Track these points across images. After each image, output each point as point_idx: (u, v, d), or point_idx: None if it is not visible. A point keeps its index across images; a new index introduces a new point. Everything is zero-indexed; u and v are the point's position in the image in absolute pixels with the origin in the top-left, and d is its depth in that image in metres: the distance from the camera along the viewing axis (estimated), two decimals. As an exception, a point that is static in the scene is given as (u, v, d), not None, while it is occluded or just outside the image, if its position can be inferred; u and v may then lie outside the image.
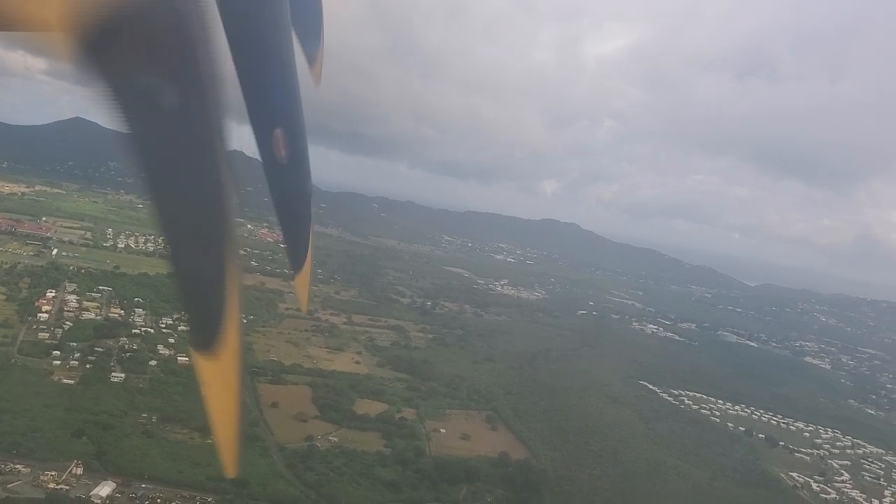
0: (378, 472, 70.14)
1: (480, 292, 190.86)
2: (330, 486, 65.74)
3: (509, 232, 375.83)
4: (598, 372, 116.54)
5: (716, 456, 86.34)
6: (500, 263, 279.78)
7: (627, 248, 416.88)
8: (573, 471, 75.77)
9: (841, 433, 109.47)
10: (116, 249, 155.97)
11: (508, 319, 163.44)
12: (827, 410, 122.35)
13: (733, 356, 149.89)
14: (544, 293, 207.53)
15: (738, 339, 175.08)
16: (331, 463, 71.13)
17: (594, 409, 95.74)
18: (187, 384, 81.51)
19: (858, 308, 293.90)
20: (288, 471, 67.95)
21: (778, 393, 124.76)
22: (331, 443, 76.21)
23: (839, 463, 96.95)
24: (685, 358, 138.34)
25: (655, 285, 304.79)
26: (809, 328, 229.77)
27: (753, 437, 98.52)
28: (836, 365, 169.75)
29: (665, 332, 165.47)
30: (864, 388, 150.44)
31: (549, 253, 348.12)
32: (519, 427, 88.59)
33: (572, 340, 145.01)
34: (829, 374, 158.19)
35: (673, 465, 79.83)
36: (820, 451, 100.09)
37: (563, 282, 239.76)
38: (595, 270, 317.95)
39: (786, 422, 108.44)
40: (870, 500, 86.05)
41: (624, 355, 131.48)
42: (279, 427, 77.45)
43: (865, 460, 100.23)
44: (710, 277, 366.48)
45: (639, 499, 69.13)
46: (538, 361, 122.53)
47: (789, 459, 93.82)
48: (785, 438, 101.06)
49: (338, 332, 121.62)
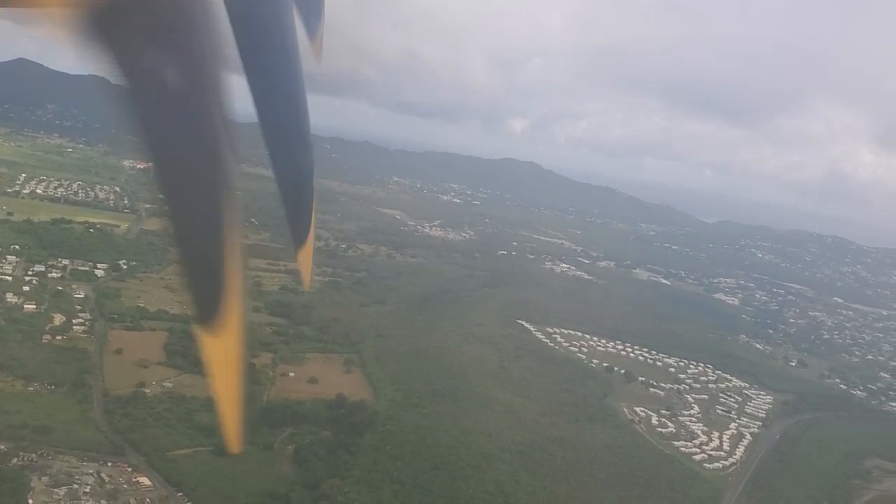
0: (199, 416, 70.90)
1: (405, 234, 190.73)
2: (140, 432, 66.73)
3: (466, 172, 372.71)
4: (482, 312, 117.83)
5: (560, 392, 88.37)
6: (445, 204, 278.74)
7: (586, 186, 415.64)
8: (404, 411, 77.26)
9: (712, 368, 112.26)
10: (19, 195, 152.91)
11: (422, 261, 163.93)
12: (709, 346, 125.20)
13: (636, 294, 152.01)
14: (473, 234, 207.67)
15: (651, 277, 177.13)
16: (153, 409, 71.96)
17: (457, 349, 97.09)
18: (28, 333, 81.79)
19: (803, 243, 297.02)
20: (104, 417, 68.72)
21: (665, 329, 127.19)
22: (163, 388, 76.86)
23: (696, 397, 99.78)
24: (581, 296, 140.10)
25: (601, 224, 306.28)
26: (740, 264, 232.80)
27: (614, 373, 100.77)
28: (746, 301, 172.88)
29: (577, 272, 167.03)
30: (764, 323, 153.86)
31: (502, 193, 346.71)
32: (373, 369, 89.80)
33: (476, 281, 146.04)
34: (733, 310, 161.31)
35: (508, 402, 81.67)
36: (681, 385, 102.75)
37: (499, 222, 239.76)
38: (544, 210, 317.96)
39: (655, 357, 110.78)
40: (710, 432, 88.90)
41: (518, 295, 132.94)
42: (114, 373, 78.02)
43: (725, 394, 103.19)
44: (667, 215, 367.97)
45: (452, 435, 70.74)
46: (428, 303, 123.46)
47: (641, 394, 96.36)
48: (648, 374, 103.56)
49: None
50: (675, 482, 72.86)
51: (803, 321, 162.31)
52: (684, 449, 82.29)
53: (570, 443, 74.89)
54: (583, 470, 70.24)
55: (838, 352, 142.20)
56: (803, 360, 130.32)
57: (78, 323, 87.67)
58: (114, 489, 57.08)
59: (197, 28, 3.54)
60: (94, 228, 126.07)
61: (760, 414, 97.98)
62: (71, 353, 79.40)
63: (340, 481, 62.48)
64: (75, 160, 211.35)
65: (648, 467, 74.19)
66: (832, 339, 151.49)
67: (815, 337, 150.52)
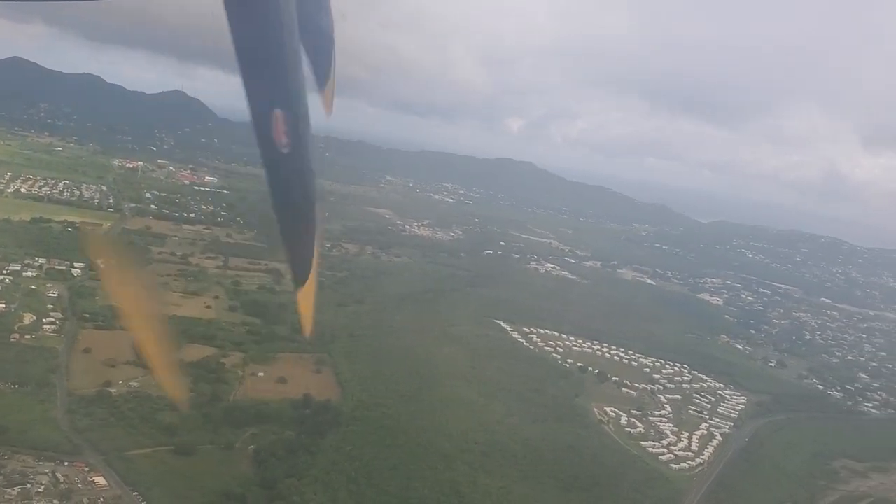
0: (162, 416, 71.15)
1: (391, 233, 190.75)
2: (100, 431, 66.97)
3: (460, 172, 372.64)
4: (460, 312, 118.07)
5: (530, 392, 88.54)
6: (436, 204, 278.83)
7: (581, 186, 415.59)
8: (369, 411, 77.48)
9: (688, 368, 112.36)
10: (3, 194, 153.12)
11: (407, 260, 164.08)
12: (688, 346, 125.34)
13: (618, 294, 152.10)
14: (461, 233, 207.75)
15: (636, 277, 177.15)
16: (117, 408, 72.13)
17: (429, 349, 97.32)
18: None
19: (795, 244, 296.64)
20: (65, 416, 68.96)
21: (643, 329, 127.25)
22: (129, 388, 76.98)
23: (669, 397, 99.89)
24: (562, 296, 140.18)
25: (594, 223, 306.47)
26: (730, 264, 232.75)
27: (587, 373, 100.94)
28: (731, 301, 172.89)
29: (561, 272, 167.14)
30: (747, 324, 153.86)
31: (495, 192, 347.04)
32: (343, 369, 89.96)
33: (458, 281, 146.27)
34: (716, 310, 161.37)
35: (474, 402, 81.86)
36: (655, 385, 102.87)
37: (489, 221, 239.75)
38: (536, 209, 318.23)
39: (630, 357, 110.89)
40: (679, 432, 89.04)
41: (498, 295, 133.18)
42: (81, 372, 78.24)
43: (699, 394, 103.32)
44: (661, 215, 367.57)
45: (413, 436, 70.97)
46: (407, 303, 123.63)
47: (613, 394, 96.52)
48: (622, 374, 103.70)
49: (204, 277, 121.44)
50: (638, 483, 73.04)
51: (787, 322, 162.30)
52: (651, 449, 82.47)
53: (534, 443, 75.05)
54: (544, 471, 70.42)
55: (819, 352, 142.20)
56: (783, 361, 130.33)
57: (48, 322, 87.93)
58: (68, 489, 57.32)
59: None
60: (72, 227, 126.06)
61: (733, 414, 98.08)
62: (38, 353, 79.65)
63: (297, 481, 62.75)
64: (64, 159, 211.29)
65: (612, 468, 74.40)
66: (814, 340, 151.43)
67: (796, 337, 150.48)
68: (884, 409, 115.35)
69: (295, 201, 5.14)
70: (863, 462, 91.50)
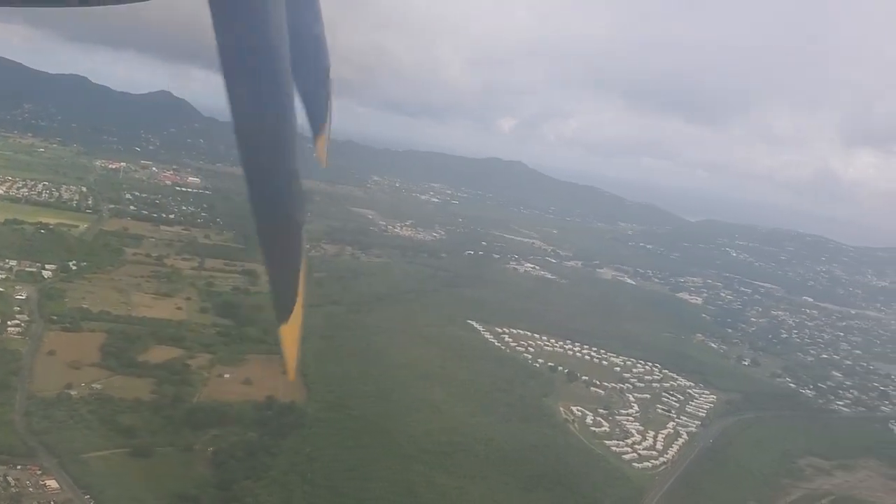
0: (122, 418, 71.09)
1: (373, 234, 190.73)
2: (57, 434, 66.69)
3: (449, 172, 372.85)
4: (434, 312, 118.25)
5: (497, 392, 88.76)
6: (422, 204, 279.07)
7: (571, 185, 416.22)
8: (333, 412, 77.55)
9: (660, 367, 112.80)
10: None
11: (387, 261, 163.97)
12: (661, 345, 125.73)
13: (596, 293, 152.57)
14: (444, 233, 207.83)
15: (616, 276, 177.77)
16: (77, 411, 71.90)
17: (399, 350, 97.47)
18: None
19: (780, 242, 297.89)
20: (23, 419, 68.67)
21: (618, 328, 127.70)
22: (92, 390, 76.80)
23: (637, 396, 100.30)
24: (539, 296, 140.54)
25: (580, 223, 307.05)
26: (713, 263, 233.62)
27: (557, 372, 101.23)
28: (710, 300, 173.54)
29: (540, 271, 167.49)
30: (724, 322, 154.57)
31: (484, 192, 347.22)
32: (312, 371, 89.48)
33: (436, 281, 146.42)
34: (694, 309, 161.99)
35: (440, 403, 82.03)
36: (624, 384, 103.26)
37: (474, 221, 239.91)
38: (523, 209, 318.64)
39: (602, 356, 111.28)
40: (645, 431, 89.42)
41: (475, 295, 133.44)
42: (43, 374, 77.89)
43: (668, 393, 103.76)
44: (649, 214, 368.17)
45: (374, 436, 71.09)
46: (383, 303, 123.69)
47: (582, 393, 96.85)
48: (592, 373, 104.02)
49: (177, 278, 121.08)
50: (599, 482, 73.35)
51: (764, 320, 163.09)
52: (615, 448, 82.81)
53: (497, 443, 75.23)
54: (504, 470, 70.61)
55: (794, 351, 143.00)
56: (757, 360, 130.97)
57: (13, 324, 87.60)
58: (18, 493, 57.13)
59: None
60: (46, 229, 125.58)
61: (701, 413, 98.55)
62: (0, 355, 79.33)
63: (253, 483, 62.79)
64: (45, 160, 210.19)
65: (573, 466, 74.67)
66: (790, 339, 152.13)
67: (772, 336, 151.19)
68: (854, 408, 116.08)
69: (280, 224, 4.67)
70: (829, 460, 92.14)
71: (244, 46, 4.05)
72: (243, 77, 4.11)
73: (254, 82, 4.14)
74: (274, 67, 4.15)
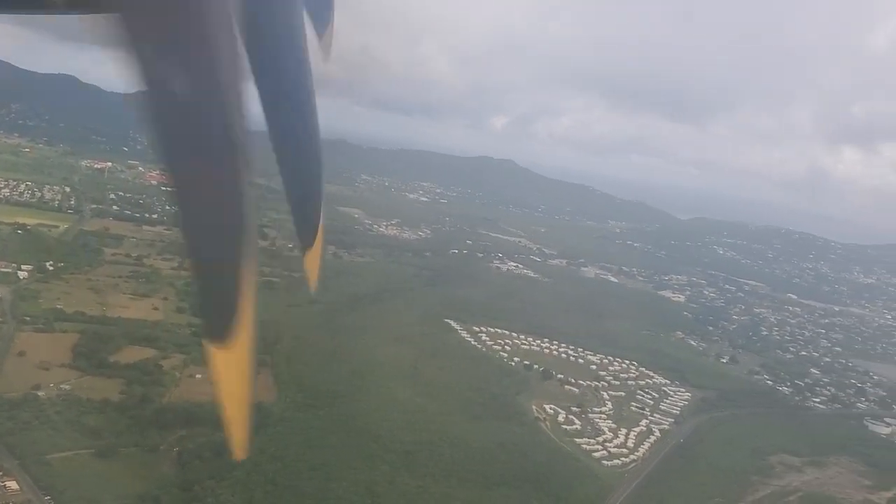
0: (88, 419, 71.14)
1: (357, 233, 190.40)
2: (21, 435, 66.70)
3: (439, 170, 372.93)
4: (412, 312, 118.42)
5: (469, 391, 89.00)
6: (409, 203, 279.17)
7: (561, 184, 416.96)
8: (301, 412, 77.71)
9: (636, 365, 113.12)
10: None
11: (369, 260, 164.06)
12: (640, 343, 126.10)
13: (577, 291, 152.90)
14: (429, 232, 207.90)
15: (600, 275, 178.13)
16: (43, 411, 71.88)
17: (373, 350, 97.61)
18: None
19: (768, 240, 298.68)
20: (-13, 420, 68.67)
21: (597, 326, 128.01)
22: (60, 391, 76.79)
23: (612, 394, 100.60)
24: (520, 295, 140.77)
25: (569, 221, 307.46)
26: (699, 261, 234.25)
27: (532, 371, 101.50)
28: (692, 298, 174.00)
29: (523, 270, 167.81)
30: (705, 320, 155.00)
31: (474, 191, 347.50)
32: (283, 371, 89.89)
33: (418, 280, 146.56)
34: (676, 307, 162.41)
35: (409, 402, 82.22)
36: (600, 382, 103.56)
37: (461, 220, 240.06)
38: (512, 208, 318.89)
39: (579, 354, 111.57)
40: (617, 429, 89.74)
41: (455, 294, 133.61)
42: (11, 375, 77.67)
43: (643, 391, 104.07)
44: (639, 213, 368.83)
45: (339, 437, 71.25)
46: (361, 303, 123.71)
47: (556, 391, 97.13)
48: (567, 371, 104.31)
49: (155, 278, 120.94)
50: (566, 479, 73.58)
51: (746, 318, 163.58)
52: (586, 446, 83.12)
53: (464, 441, 75.47)
54: (470, 469, 70.84)
55: (773, 348, 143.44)
56: (735, 357, 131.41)
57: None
58: (-23, 493, 57.18)
59: (214, 34, 3.52)
60: (23, 230, 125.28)
61: (674, 411, 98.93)
62: (-32, 357, 79.28)
63: (216, 483, 62.89)
64: (30, 160, 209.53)
65: (541, 465, 74.91)
66: (770, 336, 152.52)
67: (753, 333, 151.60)
68: (830, 405, 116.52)
69: (303, 176, 5.05)
70: (801, 457, 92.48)
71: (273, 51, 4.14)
72: (274, 80, 4.21)
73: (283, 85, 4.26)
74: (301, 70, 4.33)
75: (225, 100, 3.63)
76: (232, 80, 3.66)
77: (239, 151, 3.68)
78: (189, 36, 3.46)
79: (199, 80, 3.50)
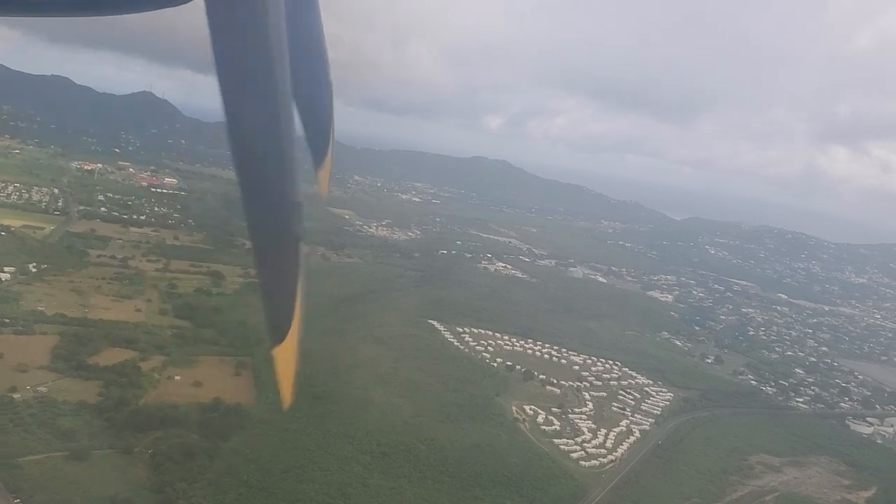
0: (63, 421, 71.03)
1: (347, 234, 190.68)
2: (-7, 437, 66.63)
3: (432, 170, 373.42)
4: (396, 312, 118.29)
5: (448, 392, 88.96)
6: (401, 203, 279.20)
7: (555, 184, 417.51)
8: (278, 414, 77.23)
9: (620, 365, 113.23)
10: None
11: (358, 261, 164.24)
12: (624, 343, 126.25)
13: (565, 292, 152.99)
14: (420, 233, 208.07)
15: (588, 275, 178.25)
16: (18, 414, 71.76)
17: (353, 351, 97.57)
18: None
19: (760, 239, 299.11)
20: (-40, 423, 68.58)
21: (582, 327, 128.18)
22: (36, 393, 76.69)
23: (593, 394, 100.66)
24: (506, 295, 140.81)
25: (562, 221, 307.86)
26: (690, 261, 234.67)
27: (513, 371, 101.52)
28: (681, 298, 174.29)
29: (511, 271, 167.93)
30: (692, 320, 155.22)
31: (467, 191, 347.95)
32: (263, 372, 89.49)
33: (405, 281, 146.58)
34: (663, 307, 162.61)
35: (386, 403, 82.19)
36: (582, 382, 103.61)
37: (452, 221, 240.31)
38: (505, 208, 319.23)
39: (562, 355, 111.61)
40: (597, 430, 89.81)
41: (441, 295, 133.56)
42: (-13, 378, 77.74)
43: (625, 392, 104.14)
44: (632, 213, 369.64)
45: (314, 438, 71.27)
46: (347, 304, 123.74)
47: (536, 392, 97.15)
48: (549, 372, 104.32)
49: (140, 280, 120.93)
50: (542, 480, 73.60)
51: (734, 318, 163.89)
52: (564, 447, 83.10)
53: (440, 443, 75.45)
54: (445, 470, 70.85)
55: (759, 348, 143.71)
56: (721, 357, 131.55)
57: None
58: (-55, 497, 57.07)
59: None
60: (7, 231, 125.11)
61: (655, 411, 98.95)
62: (-55, 359, 79.13)
63: (188, 485, 62.85)
64: (20, 161, 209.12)
65: (517, 466, 74.86)
66: (757, 336, 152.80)
67: (739, 334, 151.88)
68: (813, 405, 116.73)
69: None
70: (780, 457, 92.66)
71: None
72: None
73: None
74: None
75: (284, 115, 3.91)
76: (286, 94, 3.90)
77: (296, 164, 4.04)
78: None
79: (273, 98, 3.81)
